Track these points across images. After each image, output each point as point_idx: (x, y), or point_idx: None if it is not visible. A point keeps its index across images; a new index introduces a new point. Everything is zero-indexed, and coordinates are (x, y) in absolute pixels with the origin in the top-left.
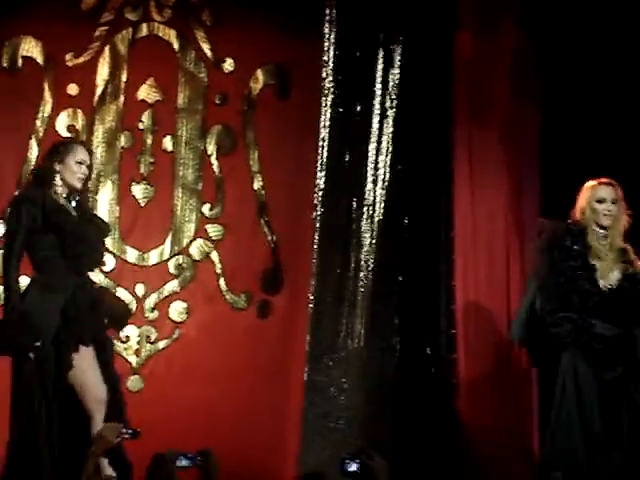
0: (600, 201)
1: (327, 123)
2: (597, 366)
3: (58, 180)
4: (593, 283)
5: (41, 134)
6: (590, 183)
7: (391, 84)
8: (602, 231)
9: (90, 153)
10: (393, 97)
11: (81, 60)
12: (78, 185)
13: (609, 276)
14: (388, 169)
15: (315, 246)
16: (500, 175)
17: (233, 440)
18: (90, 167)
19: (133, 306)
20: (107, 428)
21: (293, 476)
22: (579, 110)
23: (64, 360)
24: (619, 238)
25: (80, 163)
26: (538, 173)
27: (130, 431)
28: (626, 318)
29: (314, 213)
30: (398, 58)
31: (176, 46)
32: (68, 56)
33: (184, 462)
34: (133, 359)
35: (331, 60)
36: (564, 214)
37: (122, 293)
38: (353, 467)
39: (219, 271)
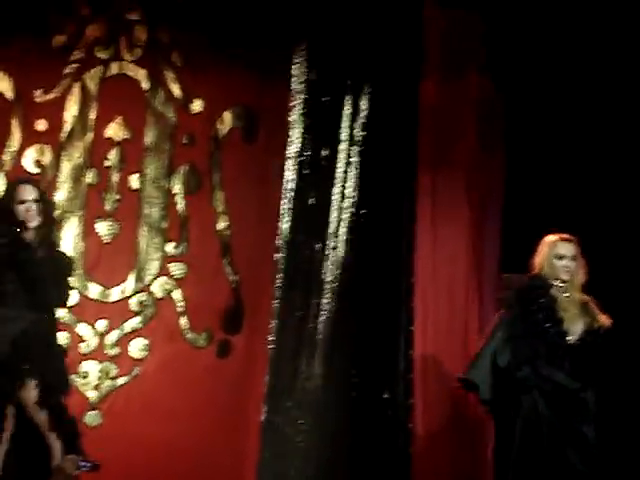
0: (560, 257)
1: (292, 167)
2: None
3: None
4: (561, 336)
5: (8, 168)
6: (550, 238)
7: (357, 130)
8: (562, 285)
9: (37, 189)
10: (359, 142)
11: (51, 96)
12: (31, 223)
13: (573, 329)
14: (352, 213)
15: (277, 287)
16: (462, 220)
17: (191, 477)
18: (42, 201)
19: (94, 342)
20: (66, 460)
21: None
22: (543, 157)
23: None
24: (578, 292)
25: (22, 202)
26: (500, 219)
27: (89, 464)
28: (586, 373)
29: (276, 255)
30: (365, 104)
31: (145, 85)
32: (38, 92)
33: None
34: (92, 394)
35: (299, 104)
36: (524, 261)
37: (83, 328)
38: None
39: (181, 309)
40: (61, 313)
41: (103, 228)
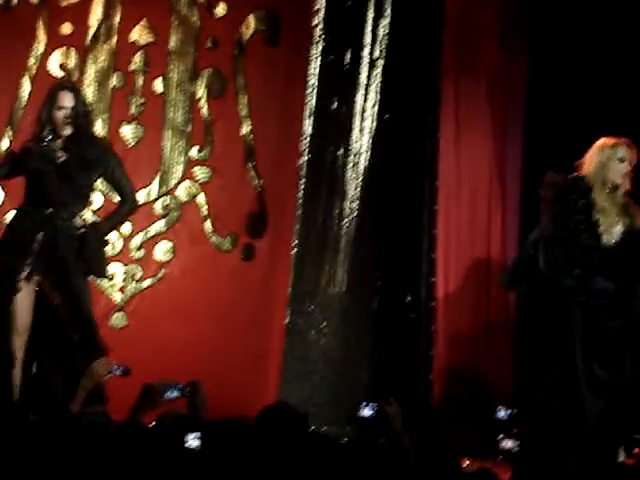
0: (621, 160)
1: (316, 71)
2: (599, 319)
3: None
4: (596, 238)
5: (34, 72)
6: (611, 141)
7: (381, 34)
8: (612, 188)
9: (76, 95)
10: (382, 47)
11: (75, 0)
12: (64, 131)
13: (612, 231)
14: (375, 118)
15: (300, 192)
16: (485, 124)
17: (214, 378)
18: (77, 109)
19: (119, 244)
20: (99, 364)
21: None
22: (566, 63)
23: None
24: (623, 195)
25: (60, 108)
26: (522, 124)
27: (122, 368)
28: (627, 273)
29: (300, 160)
30: (388, 8)
31: None
32: None
33: (175, 393)
34: (118, 296)
35: (322, 8)
36: (546, 168)
37: None
38: (367, 412)
39: (205, 213)
40: (87, 215)
41: (128, 132)
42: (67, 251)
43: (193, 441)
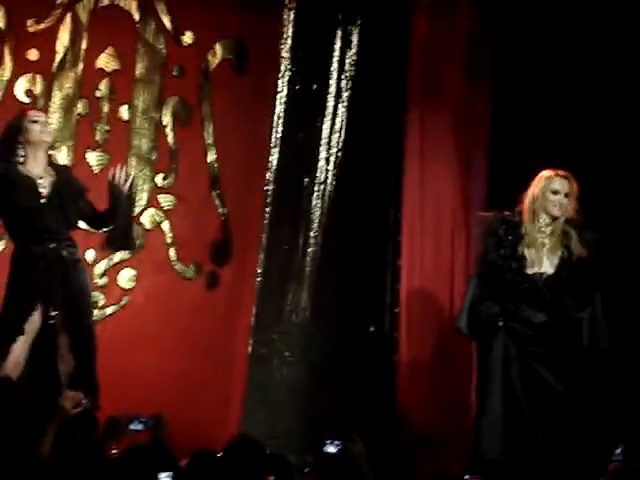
0: (554, 192)
1: (282, 100)
2: (530, 349)
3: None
4: (520, 272)
5: (0, 98)
6: (547, 173)
7: (348, 64)
8: (548, 220)
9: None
10: (349, 77)
11: (42, 26)
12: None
13: (543, 263)
14: (341, 148)
15: (265, 221)
16: (450, 157)
17: (176, 408)
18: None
19: None
20: (66, 397)
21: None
22: (529, 97)
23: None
24: (562, 226)
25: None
26: (487, 157)
27: (89, 401)
28: (558, 305)
29: (265, 188)
30: (356, 38)
31: (136, 17)
32: (29, 22)
33: (139, 426)
34: None
35: (289, 38)
36: (511, 199)
37: None
38: (332, 449)
39: (169, 240)
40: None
41: (93, 159)
42: (80, 287)
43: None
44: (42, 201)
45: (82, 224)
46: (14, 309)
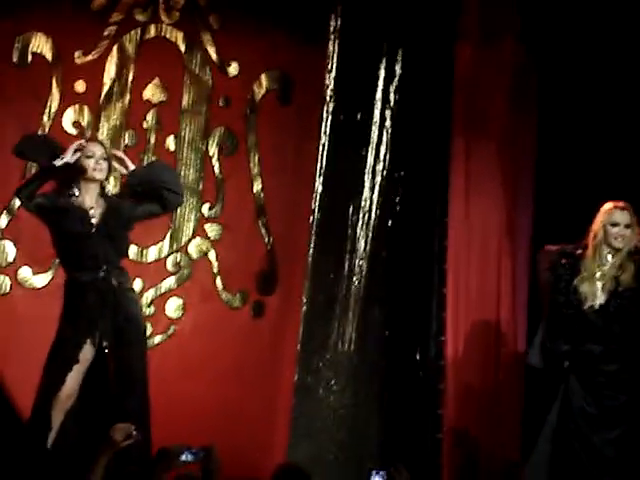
0: (614, 225)
1: (327, 130)
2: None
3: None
4: (572, 306)
5: (47, 129)
6: (606, 206)
7: (392, 94)
8: (613, 253)
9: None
10: (393, 107)
11: (89, 58)
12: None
13: (597, 296)
14: (385, 177)
15: (310, 250)
16: (495, 187)
17: (223, 436)
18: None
19: None
20: (117, 429)
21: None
22: (575, 126)
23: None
24: (624, 256)
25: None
26: (532, 187)
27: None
28: (610, 336)
29: (311, 217)
30: (399, 68)
31: (182, 48)
32: (77, 53)
33: (189, 457)
34: None
35: (334, 68)
36: (556, 228)
37: None
38: (377, 479)
39: (216, 270)
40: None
41: None
42: (130, 316)
43: None
44: (91, 229)
45: (132, 254)
46: (68, 339)
